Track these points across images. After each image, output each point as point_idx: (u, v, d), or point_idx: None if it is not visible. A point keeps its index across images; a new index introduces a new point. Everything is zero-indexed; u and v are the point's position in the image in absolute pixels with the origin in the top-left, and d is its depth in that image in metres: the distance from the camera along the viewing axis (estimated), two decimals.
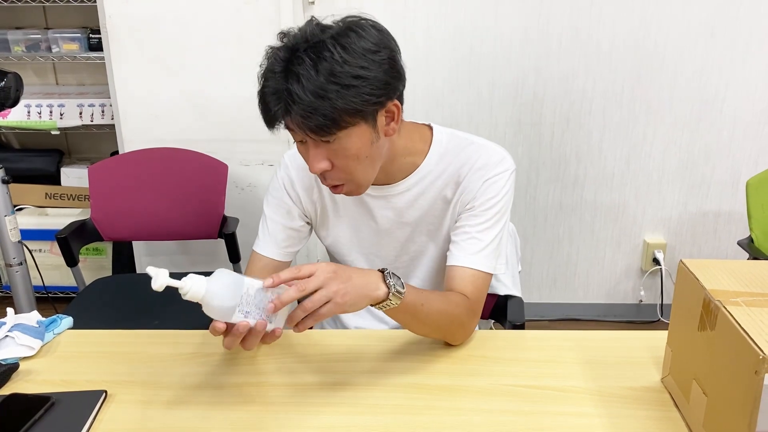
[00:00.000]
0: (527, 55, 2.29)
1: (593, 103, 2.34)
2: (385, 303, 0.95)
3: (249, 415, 0.94)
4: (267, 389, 1.00)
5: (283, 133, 1.08)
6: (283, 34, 0.99)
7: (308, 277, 0.89)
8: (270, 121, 1.00)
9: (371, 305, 0.96)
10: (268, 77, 0.97)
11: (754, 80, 2.28)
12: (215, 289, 0.85)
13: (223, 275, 0.87)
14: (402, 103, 1.05)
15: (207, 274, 0.87)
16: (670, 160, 2.40)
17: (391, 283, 0.95)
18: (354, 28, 0.97)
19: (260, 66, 0.99)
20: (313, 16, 1.00)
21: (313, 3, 2.16)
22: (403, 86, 1.05)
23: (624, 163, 2.41)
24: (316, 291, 0.89)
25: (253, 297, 0.87)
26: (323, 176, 1.05)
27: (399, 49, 1.02)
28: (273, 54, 0.97)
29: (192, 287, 0.83)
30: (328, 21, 0.99)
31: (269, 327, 0.89)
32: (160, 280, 0.82)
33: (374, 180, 1.13)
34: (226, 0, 2.04)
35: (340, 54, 0.93)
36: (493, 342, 1.12)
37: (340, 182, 1.05)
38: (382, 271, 0.97)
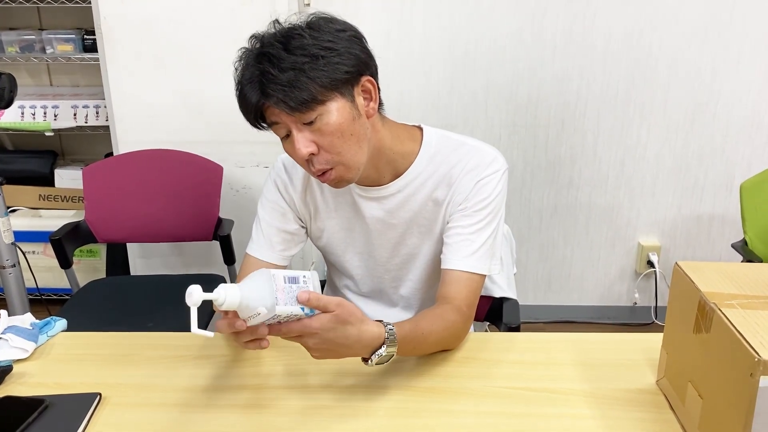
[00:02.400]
0: (522, 57, 2.30)
1: (588, 105, 2.35)
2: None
3: (243, 417, 0.94)
4: (261, 392, 1.00)
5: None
6: (254, 36, 1.02)
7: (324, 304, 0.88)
8: (250, 112, 1.01)
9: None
10: (243, 71, 1.01)
11: (747, 83, 2.29)
12: (251, 293, 0.83)
13: (251, 278, 0.85)
14: (377, 83, 1.07)
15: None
16: (664, 162, 2.41)
17: (378, 353, 0.93)
18: (321, 16, 1.02)
19: (234, 68, 1.02)
20: (276, 19, 1.02)
21: (308, 5, 2.16)
22: (375, 67, 1.07)
23: (618, 165, 2.42)
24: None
25: (284, 288, 0.85)
26: (311, 162, 1.04)
27: (365, 39, 1.05)
28: (245, 51, 1.01)
29: (227, 297, 0.82)
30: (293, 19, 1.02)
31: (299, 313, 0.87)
32: (195, 296, 0.81)
33: (364, 179, 1.14)
34: (221, 1, 2.04)
35: (309, 33, 0.98)
36: (487, 344, 1.12)
37: (328, 165, 1.04)
38: (383, 323, 0.94)
